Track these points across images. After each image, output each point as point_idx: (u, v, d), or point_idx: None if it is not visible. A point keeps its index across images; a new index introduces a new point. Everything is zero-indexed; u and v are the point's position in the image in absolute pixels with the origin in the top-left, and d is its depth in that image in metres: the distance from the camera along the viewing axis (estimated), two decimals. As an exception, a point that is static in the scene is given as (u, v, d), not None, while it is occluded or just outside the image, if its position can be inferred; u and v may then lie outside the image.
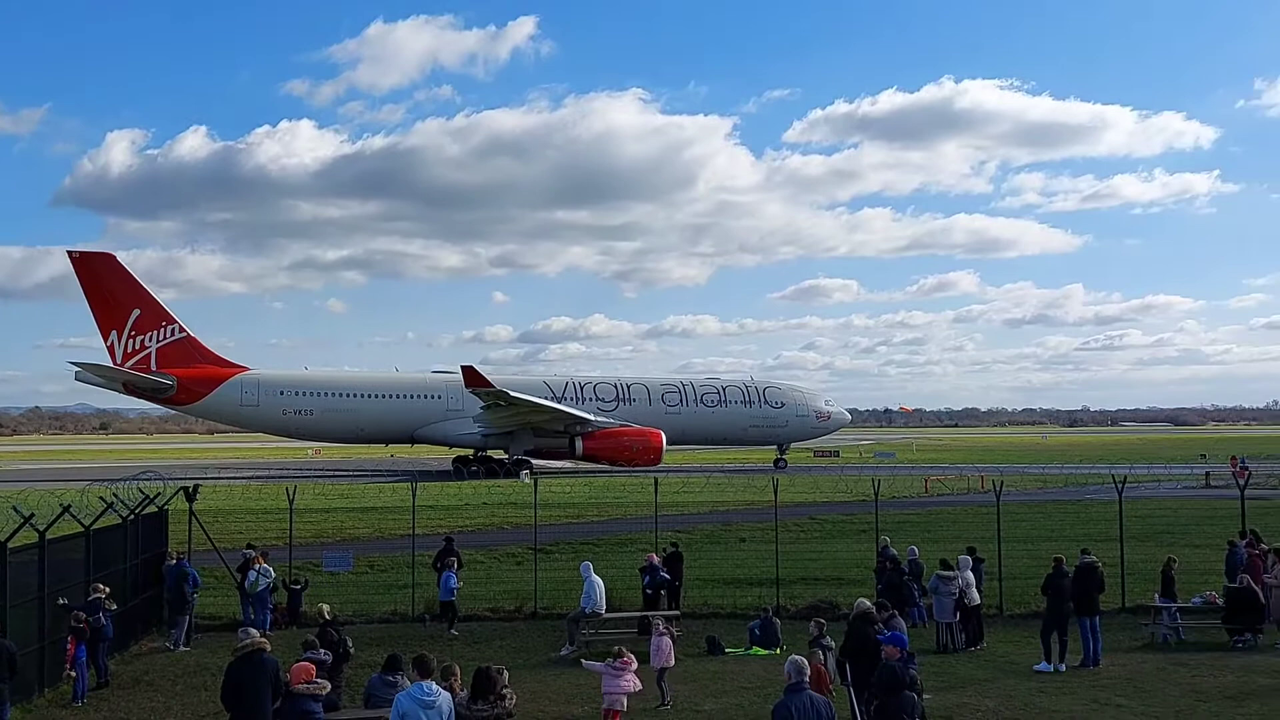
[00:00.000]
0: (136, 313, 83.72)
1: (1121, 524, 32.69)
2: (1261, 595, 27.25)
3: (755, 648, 26.65)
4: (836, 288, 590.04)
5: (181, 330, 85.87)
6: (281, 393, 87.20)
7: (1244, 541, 30.90)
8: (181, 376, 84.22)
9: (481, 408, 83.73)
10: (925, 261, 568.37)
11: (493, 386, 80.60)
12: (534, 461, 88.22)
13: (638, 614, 28.77)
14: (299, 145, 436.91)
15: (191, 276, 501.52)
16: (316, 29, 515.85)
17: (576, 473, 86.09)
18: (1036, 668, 24.29)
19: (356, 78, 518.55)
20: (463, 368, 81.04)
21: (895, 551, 31.13)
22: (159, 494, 31.60)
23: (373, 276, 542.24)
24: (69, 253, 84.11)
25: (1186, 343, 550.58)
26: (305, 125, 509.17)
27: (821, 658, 19.47)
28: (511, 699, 15.25)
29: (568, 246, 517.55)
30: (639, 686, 19.88)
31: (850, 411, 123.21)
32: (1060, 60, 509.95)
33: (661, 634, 22.17)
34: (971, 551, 29.78)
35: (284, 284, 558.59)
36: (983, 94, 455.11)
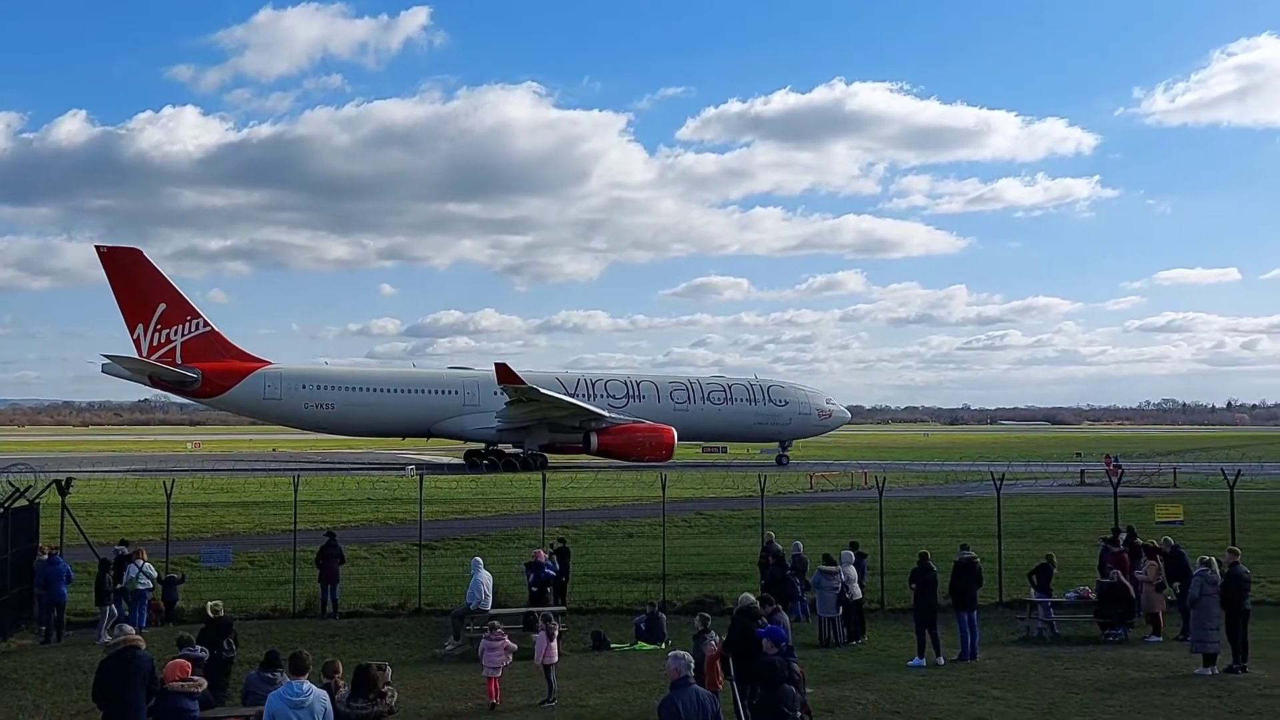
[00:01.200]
0: (162, 307, 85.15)
1: (999, 520, 33.34)
2: (1132, 590, 28.03)
3: (641, 643, 26.65)
4: (727, 285, 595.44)
5: (205, 325, 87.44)
6: (304, 386, 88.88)
7: (1120, 536, 31.63)
8: (206, 370, 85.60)
9: (506, 403, 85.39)
10: (814, 261, 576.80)
11: (523, 383, 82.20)
12: (546, 456, 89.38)
13: (524, 610, 28.67)
14: (183, 132, 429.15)
15: (68, 264, 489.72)
16: (203, 14, 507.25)
17: (558, 468, 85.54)
18: (910, 663, 24.64)
19: (244, 64, 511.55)
20: (496, 365, 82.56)
21: (780, 547, 31.39)
22: (29, 487, 30.58)
23: (257, 267, 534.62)
24: (97, 247, 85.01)
25: (1064, 343, 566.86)
26: (189, 111, 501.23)
27: (710, 652, 19.55)
28: (393, 696, 15.05)
29: (458, 240, 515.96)
30: (514, 646, 21.27)
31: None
32: (948, 65, 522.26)
33: (546, 630, 22.08)
34: (854, 547, 30.18)
35: (165, 273, 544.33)
36: (873, 96, 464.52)
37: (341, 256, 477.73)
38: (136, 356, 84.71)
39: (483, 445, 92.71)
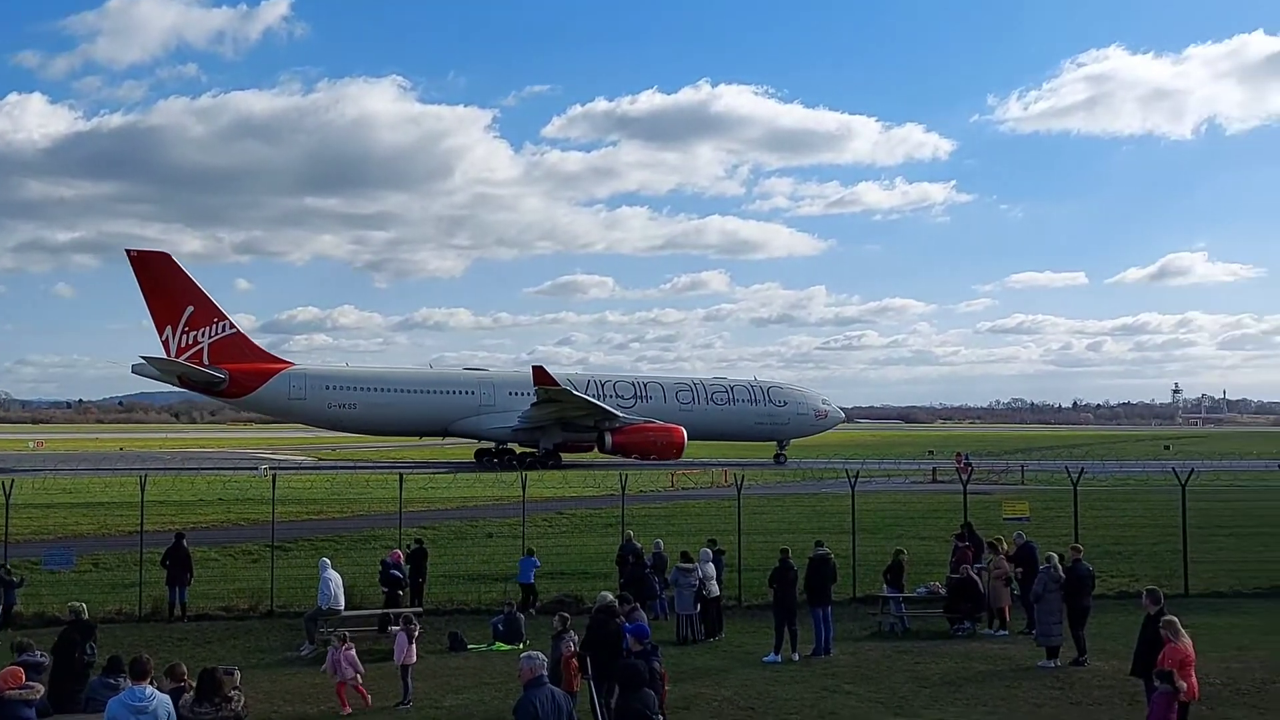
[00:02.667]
0: (190, 309, 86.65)
1: (854, 517, 33.93)
2: (981, 585, 28.74)
3: (498, 643, 26.47)
4: (593, 284, 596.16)
5: (231, 327, 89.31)
6: (327, 387, 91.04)
7: (963, 532, 32.44)
8: (233, 371, 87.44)
9: (532, 404, 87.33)
10: (679, 260, 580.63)
11: (558, 385, 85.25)
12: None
13: (379, 611, 28.30)
14: (28, 120, 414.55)
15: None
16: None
17: (581, 464, 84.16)
18: (765, 659, 24.92)
19: (94, 51, 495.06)
20: (534, 368, 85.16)
21: (639, 545, 31.48)
22: None
23: (106, 261, 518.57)
24: (128, 251, 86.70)
25: (919, 344, 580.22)
26: (36, 99, 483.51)
27: (567, 651, 19.49)
28: (240, 700, 14.61)
29: (317, 234, 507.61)
30: (361, 671, 20.83)
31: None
32: (811, 70, 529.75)
33: (406, 631, 21.77)
34: (712, 544, 30.39)
35: (8, 266, 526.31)
36: (738, 99, 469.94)
37: (196, 250, 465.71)
38: (167, 357, 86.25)
39: (493, 444, 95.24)
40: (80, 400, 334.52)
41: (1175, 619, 17.68)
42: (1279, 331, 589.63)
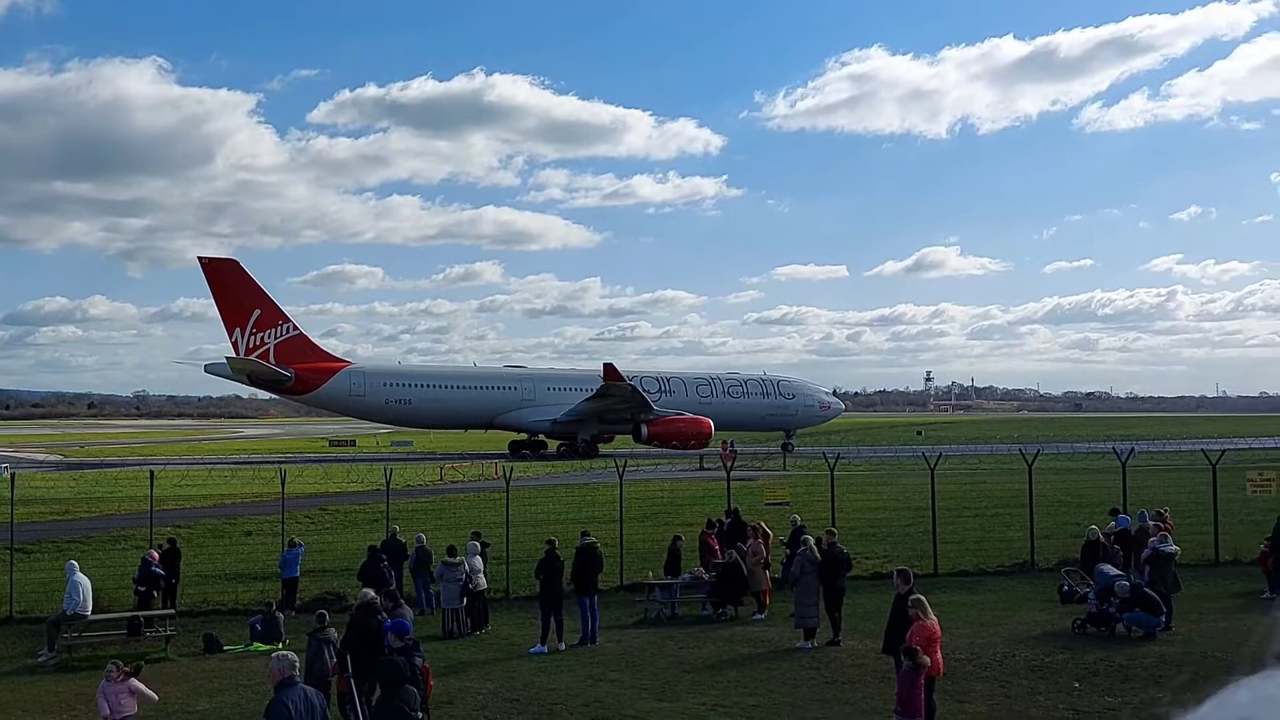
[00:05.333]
0: (257, 313, 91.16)
1: (621, 505, 34.27)
2: (745, 570, 29.40)
3: (257, 643, 25.75)
4: (361, 274, 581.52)
5: (295, 328, 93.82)
6: (385, 384, 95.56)
7: (723, 519, 33.17)
8: (299, 370, 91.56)
9: (587, 397, 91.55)
10: (452, 251, 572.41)
11: (625, 381, 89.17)
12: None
13: (128, 614, 27.10)
14: None
15: None
16: None
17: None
18: (531, 651, 24.91)
19: None
20: (605, 365, 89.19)
21: (403, 540, 31.05)
22: None
23: None
24: (200, 258, 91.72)
25: (690, 335, 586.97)
26: None
27: (328, 652, 19.08)
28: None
29: (67, 221, 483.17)
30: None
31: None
32: (587, 62, 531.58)
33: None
34: (477, 537, 30.22)
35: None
36: (513, 89, 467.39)
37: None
38: (238, 357, 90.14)
39: (526, 436, 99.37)
40: None
41: (923, 598, 18.44)
42: (1023, 322, 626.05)
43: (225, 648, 25.62)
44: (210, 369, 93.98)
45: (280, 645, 24.59)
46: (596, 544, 27.35)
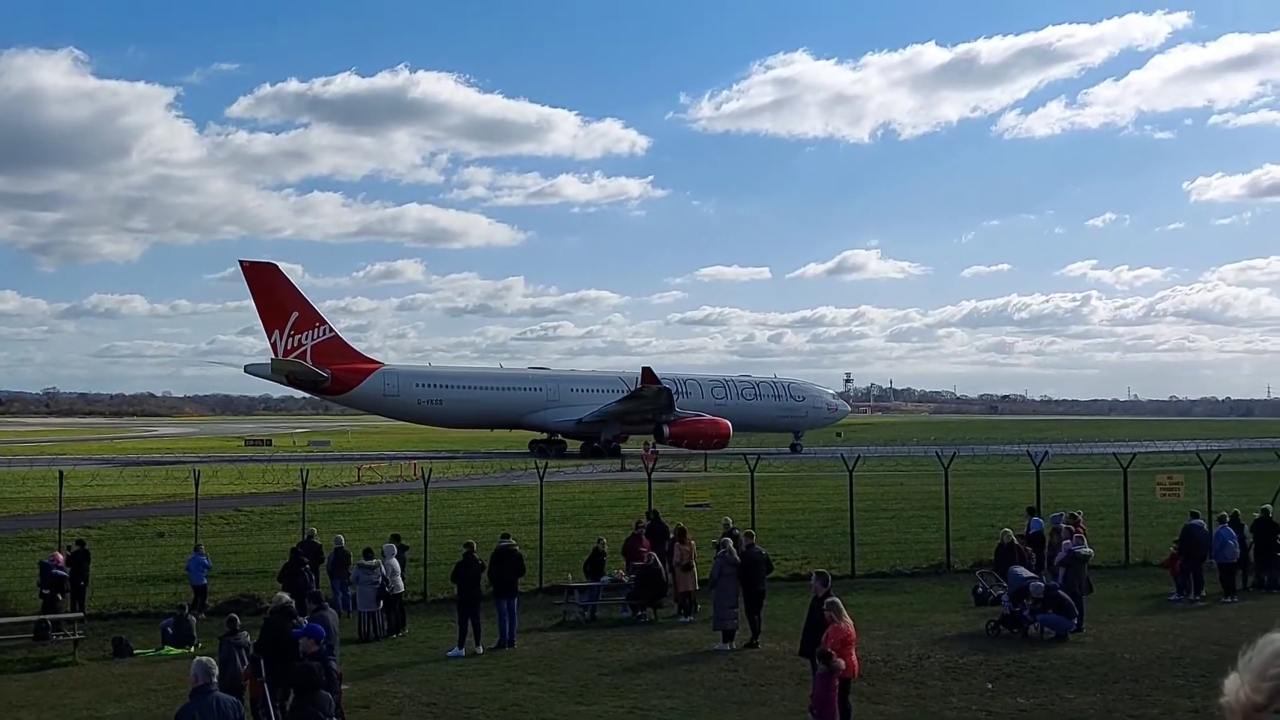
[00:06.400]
0: (295, 315, 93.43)
1: (542, 507, 34.11)
2: (664, 573, 29.41)
3: (168, 647, 25.31)
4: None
5: (330, 331, 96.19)
6: (418, 384, 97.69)
7: (646, 522, 33.19)
8: (335, 370, 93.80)
9: (621, 398, 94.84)
10: (374, 248, 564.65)
11: (660, 384, 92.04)
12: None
13: (35, 618, 26.52)
14: None
15: None
16: None
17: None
18: (449, 654, 24.74)
19: None
20: (643, 369, 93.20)
21: (320, 542, 30.69)
22: None
23: None
24: (241, 262, 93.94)
25: (613, 334, 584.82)
26: None
27: (240, 657, 18.78)
28: None
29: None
30: None
31: (288, 400, 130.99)
32: (512, 61, 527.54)
33: None
34: (395, 539, 29.96)
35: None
36: (437, 86, 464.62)
37: None
38: (277, 358, 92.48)
39: (546, 435, 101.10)
40: None
41: (838, 600, 18.59)
42: (941, 325, 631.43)
43: (136, 651, 25.13)
44: (250, 369, 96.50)
45: (193, 649, 24.22)
46: (515, 546, 27.20)
